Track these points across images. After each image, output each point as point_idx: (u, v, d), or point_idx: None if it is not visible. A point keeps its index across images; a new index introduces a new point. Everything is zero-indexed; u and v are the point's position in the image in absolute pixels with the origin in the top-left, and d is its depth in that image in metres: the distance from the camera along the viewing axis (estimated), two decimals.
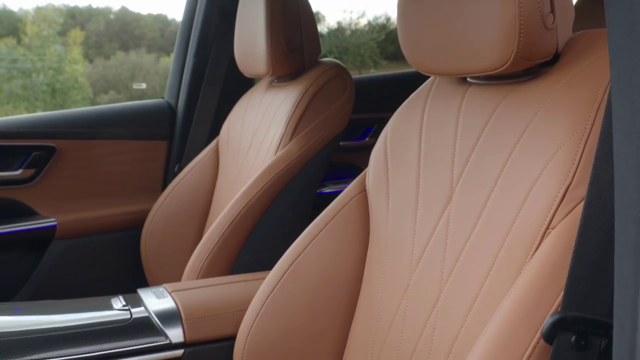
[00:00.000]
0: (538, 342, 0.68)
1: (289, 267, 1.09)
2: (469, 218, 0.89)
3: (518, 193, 0.82)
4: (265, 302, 1.08)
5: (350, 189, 1.12)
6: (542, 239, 0.77)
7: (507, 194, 0.84)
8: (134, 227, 1.94)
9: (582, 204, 0.72)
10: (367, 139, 2.32)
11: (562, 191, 0.76)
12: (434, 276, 0.91)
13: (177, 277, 1.63)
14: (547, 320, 0.68)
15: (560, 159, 0.78)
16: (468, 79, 0.99)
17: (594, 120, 0.77)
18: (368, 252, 1.07)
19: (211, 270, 1.44)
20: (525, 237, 0.79)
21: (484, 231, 0.85)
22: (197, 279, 1.45)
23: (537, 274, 0.72)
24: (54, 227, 1.88)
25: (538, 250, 0.76)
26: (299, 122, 1.58)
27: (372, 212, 1.08)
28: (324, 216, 1.11)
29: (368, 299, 1.04)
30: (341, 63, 1.71)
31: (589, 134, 0.77)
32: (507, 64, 0.84)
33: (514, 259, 0.79)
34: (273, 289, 1.08)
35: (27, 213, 1.91)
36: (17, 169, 1.88)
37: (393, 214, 1.03)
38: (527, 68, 0.88)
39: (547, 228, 0.76)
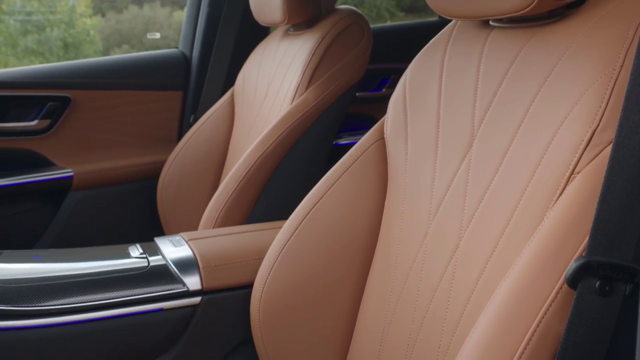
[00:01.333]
0: (561, 287, 0.67)
1: (306, 215, 1.08)
2: (490, 164, 0.87)
3: (541, 138, 0.80)
4: (282, 250, 1.07)
5: (368, 137, 1.10)
6: (566, 184, 0.75)
7: (530, 140, 0.82)
8: (150, 178, 1.95)
9: (609, 148, 0.70)
10: (383, 90, 2.29)
11: (588, 135, 0.74)
12: (453, 224, 0.90)
13: (194, 227, 1.63)
14: (572, 265, 0.66)
15: (587, 102, 0.76)
16: (490, 23, 0.96)
17: (624, 61, 0.75)
18: (386, 201, 1.06)
19: (227, 219, 1.44)
20: (548, 183, 0.77)
21: (506, 177, 0.84)
22: (213, 228, 1.44)
23: (561, 219, 0.71)
24: (70, 177, 1.89)
25: (562, 195, 0.74)
26: (316, 70, 1.55)
27: (390, 159, 1.06)
28: (341, 164, 1.09)
29: (385, 247, 1.03)
30: (358, 10, 1.67)
31: (618, 75, 0.74)
32: (532, 5, 0.81)
33: (537, 205, 0.78)
34: (290, 237, 1.08)
35: (44, 164, 1.91)
36: (32, 120, 1.88)
37: (412, 162, 1.01)
38: (553, 9, 0.85)
39: (572, 173, 0.75)
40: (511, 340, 0.66)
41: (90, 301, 1.06)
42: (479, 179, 0.88)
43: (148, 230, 1.93)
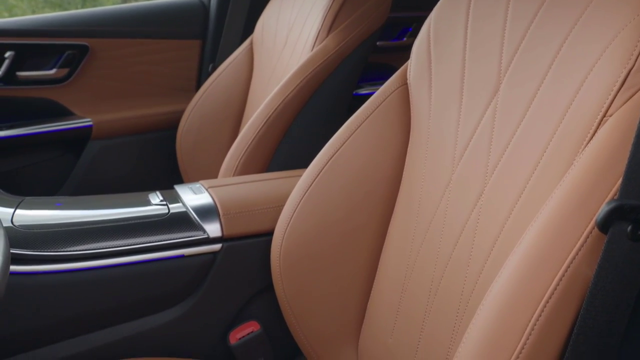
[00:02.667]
0: (592, 232, 0.66)
1: (327, 162, 1.07)
2: (517, 109, 0.85)
3: (572, 82, 0.78)
4: (302, 197, 1.07)
5: (390, 83, 1.08)
6: (597, 128, 0.72)
7: (560, 83, 0.79)
8: (169, 128, 1.94)
9: None
10: (404, 39, 2.25)
11: (622, 76, 0.72)
12: (477, 171, 0.88)
13: (213, 176, 1.63)
14: (603, 208, 0.64)
15: (621, 42, 0.73)
16: None
17: None
18: (408, 148, 1.04)
19: (247, 168, 1.43)
20: (578, 127, 0.75)
21: (533, 122, 0.81)
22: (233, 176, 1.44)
23: (592, 162, 0.69)
24: (90, 127, 1.89)
25: (593, 138, 0.72)
26: (337, 16, 1.52)
27: (413, 106, 1.04)
28: (363, 110, 1.07)
29: (407, 195, 1.01)
30: None
31: None
32: None
33: (566, 149, 0.75)
34: (311, 185, 1.07)
35: (64, 113, 1.91)
36: (51, 68, 1.87)
37: (435, 108, 0.99)
38: None
39: (604, 116, 0.72)
40: (538, 284, 0.64)
41: (111, 247, 1.06)
42: (506, 124, 0.86)
43: (167, 179, 1.93)
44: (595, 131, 0.73)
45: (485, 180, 0.86)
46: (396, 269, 1.00)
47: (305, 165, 1.11)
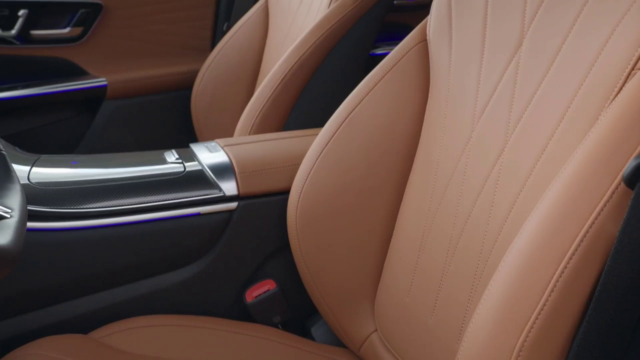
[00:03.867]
0: (618, 187, 0.64)
1: (344, 120, 1.05)
2: (540, 65, 0.83)
3: (598, 36, 0.75)
4: (319, 156, 1.05)
5: (409, 39, 1.06)
6: (625, 81, 0.70)
7: (585, 38, 0.77)
8: (183, 88, 1.93)
9: None
10: None
11: None
12: (498, 127, 0.87)
13: (228, 137, 1.61)
14: (630, 163, 0.63)
15: None
16: None
17: None
18: (427, 105, 1.02)
19: (263, 127, 1.42)
20: (604, 82, 0.73)
21: (558, 76, 0.79)
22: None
23: (620, 116, 0.67)
24: (104, 87, 1.88)
25: (620, 92, 0.70)
26: None
27: (432, 62, 1.02)
28: (381, 67, 1.05)
29: (426, 153, 1.00)
30: None
31: None
32: None
33: (591, 104, 0.73)
34: (327, 143, 1.05)
35: (78, 73, 1.90)
36: (65, 27, 1.86)
37: (456, 63, 0.97)
38: None
39: (632, 69, 0.70)
40: (561, 241, 0.63)
41: (127, 205, 1.06)
42: (528, 80, 0.84)
43: (182, 140, 1.92)
44: (623, 85, 0.71)
45: (507, 137, 0.85)
46: (414, 227, 0.99)
47: (321, 124, 1.10)
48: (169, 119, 1.97)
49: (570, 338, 0.63)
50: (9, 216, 0.71)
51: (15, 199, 0.75)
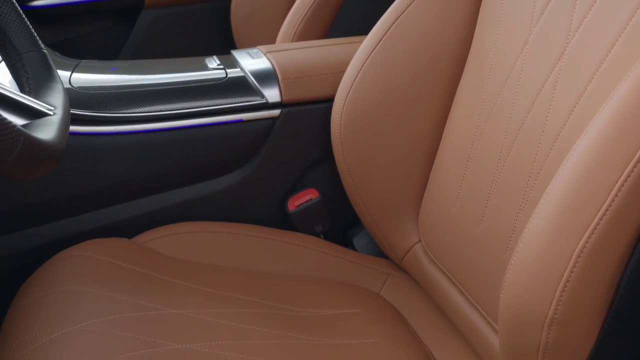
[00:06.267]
0: None
1: (392, 25, 1.01)
2: None
3: None
4: (365, 62, 1.02)
5: None
6: None
7: None
8: None
9: None
10: None
11: None
12: (559, 28, 0.81)
13: None
14: None
15: None
16: None
17: None
18: (481, 6, 0.97)
19: (305, 35, 1.38)
20: None
21: None
22: None
23: None
24: None
25: None
26: None
27: None
28: None
29: (478, 57, 0.95)
30: None
31: None
32: None
33: None
34: (374, 48, 1.01)
35: None
36: None
37: None
38: None
39: None
40: (630, 141, 0.59)
41: (168, 110, 1.05)
42: None
43: (222, 50, 1.89)
44: None
45: (568, 39, 0.80)
46: (462, 137, 0.96)
47: (366, 32, 1.05)
48: (208, 30, 1.93)
49: (632, 244, 0.60)
50: (52, 113, 0.70)
51: (58, 97, 0.74)
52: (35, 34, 0.80)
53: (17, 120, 0.65)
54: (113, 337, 0.78)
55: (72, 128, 0.98)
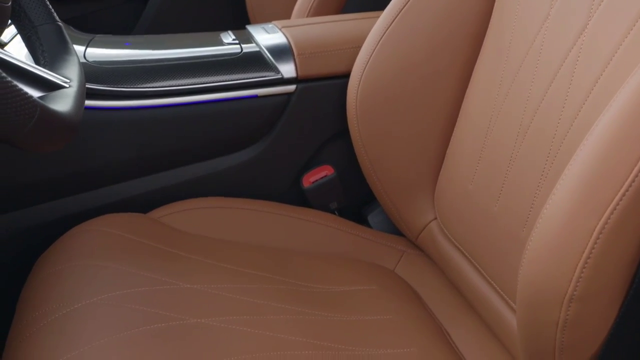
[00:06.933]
0: None
1: (409, 0, 0.99)
2: None
3: None
4: (381, 37, 1.00)
5: None
6: None
7: None
8: None
9: None
10: None
11: None
12: (582, 2, 0.80)
13: None
14: None
15: None
16: None
17: None
18: None
19: (321, 10, 1.36)
20: None
21: None
22: None
23: None
24: None
25: None
26: None
27: None
28: None
29: (497, 33, 0.94)
30: None
31: None
32: None
33: None
34: (390, 24, 1.00)
35: None
36: None
37: None
38: None
39: None
40: None
41: (183, 85, 1.04)
42: None
43: (236, 25, 1.88)
44: None
45: (591, 12, 0.78)
46: (480, 113, 0.94)
47: (383, 7, 1.04)
48: (222, 5, 1.92)
49: None
50: (67, 86, 0.70)
51: (73, 70, 0.74)
52: (50, 7, 0.79)
53: (33, 92, 0.64)
54: (128, 311, 0.78)
55: (87, 102, 0.97)
